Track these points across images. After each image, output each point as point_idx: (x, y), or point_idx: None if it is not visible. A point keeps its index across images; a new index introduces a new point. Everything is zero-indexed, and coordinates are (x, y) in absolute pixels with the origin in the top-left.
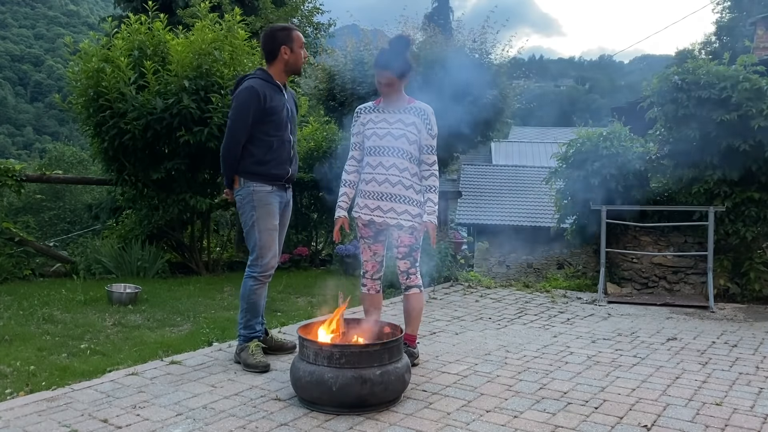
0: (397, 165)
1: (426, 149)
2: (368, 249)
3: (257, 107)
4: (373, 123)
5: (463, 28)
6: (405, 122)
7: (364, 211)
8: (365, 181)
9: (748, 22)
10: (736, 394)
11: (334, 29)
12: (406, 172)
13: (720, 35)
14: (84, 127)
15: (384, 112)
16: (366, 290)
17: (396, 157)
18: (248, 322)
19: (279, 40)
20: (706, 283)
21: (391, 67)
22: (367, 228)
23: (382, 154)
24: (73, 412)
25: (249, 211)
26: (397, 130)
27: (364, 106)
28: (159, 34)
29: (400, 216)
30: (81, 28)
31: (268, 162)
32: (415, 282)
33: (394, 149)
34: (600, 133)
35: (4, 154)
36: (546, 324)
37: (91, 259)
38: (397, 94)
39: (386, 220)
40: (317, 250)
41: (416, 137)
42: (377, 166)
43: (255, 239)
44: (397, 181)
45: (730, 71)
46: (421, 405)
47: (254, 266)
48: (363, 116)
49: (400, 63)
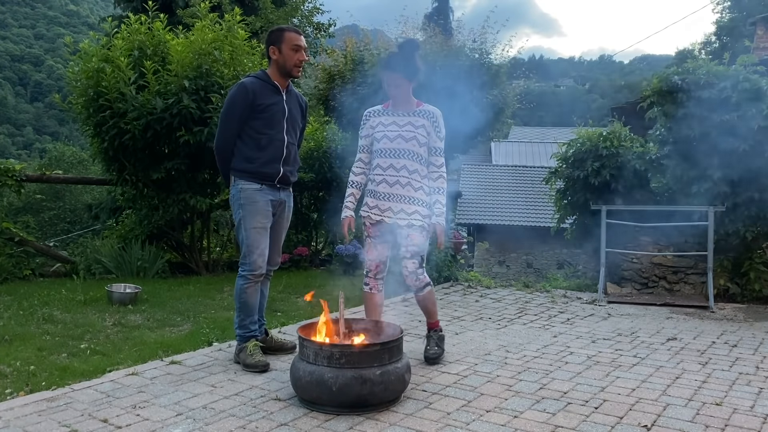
0: (408, 167)
1: (434, 151)
2: (374, 249)
3: (245, 103)
4: (383, 126)
5: (463, 28)
6: (414, 125)
7: (374, 211)
8: (375, 182)
9: (748, 22)
10: (736, 394)
11: (334, 29)
12: (416, 174)
13: (720, 35)
14: (84, 127)
15: (393, 115)
16: (368, 289)
17: (406, 159)
18: (242, 321)
19: (270, 41)
20: (706, 283)
21: (400, 70)
22: (375, 228)
23: (392, 156)
24: (73, 412)
25: (237, 210)
26: (408, 132)
27: (373, 109)
28: (159, 34)
29: (410, 216)
30: (81, 28)
31: (256, 159)
32: (424, 281)
33: (404, 151)
34: (600, 133)
35: (4, 154)
36: (546, 324)
37: (91, 259)
38: (406, 97)
39: (397, 221)
40: (317, 250)
41: (426, 139)
42: (388, 168)
43: (242, 237)
44: (407, 182)
45: (730, 71)
46: (421, 405)
47: (243, 265)
48: (372, 119)
49: (409, 66)
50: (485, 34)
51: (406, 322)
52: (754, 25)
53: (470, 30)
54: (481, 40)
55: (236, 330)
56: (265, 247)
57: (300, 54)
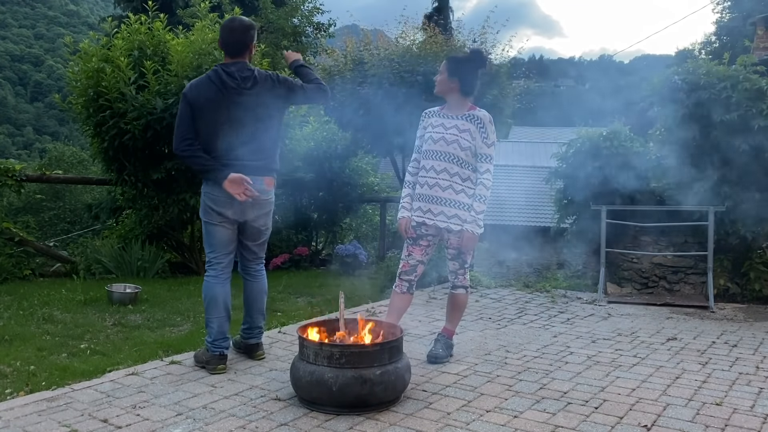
0: (448, 170)
1: (479, 157)
2: (406, 248)
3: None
4: (432, 127)
5: (463, 28)
6: (460, 128)
7: (417, 213)
8: (419, 184)
9: (748, 22)
10: (736, 394)
11: (334, 29)
12: (457, 177)
13: (720, 35)
14: (84, 127)
15: (444, 117)
16: (395, 288)
17: (447, 162)
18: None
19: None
20: (706, 283)
21: (450, 67)
22: (414, 229)
23: (434, 158)
24: (73, 412)
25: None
26: (451, 135)
27: (430, 110)
28: (159, 34)
29: (449, 220)
30: (81, 28)
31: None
32: (462, 282)
33: (444, 154)
34: (600, 133)
35: (4, 154)
36: (546, 324)
37: (91, 259)
38: (457, 100)
39: (436, 224)
40: (317, 250)
41: (469, 144)
42: (429, 170)
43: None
44: (447, 185)
45: (730, 71)
46: (421, 405)
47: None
48: (425, 120)
49: (459, 67)
50: (485, 34)
51: (406, 322)
52: (754, 25)
53: (470, 30)
54: (481, 40)
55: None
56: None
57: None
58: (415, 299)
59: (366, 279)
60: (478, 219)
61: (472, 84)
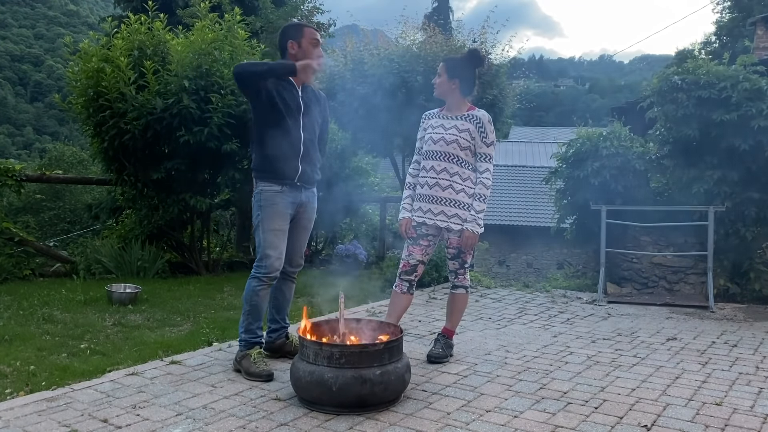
0: (448, 169)
1: (479, 157)
2: (406, 248)
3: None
4: (432, 128)
5: (463, 28)
6: (459, 128)
7: (417, 213)
8: (420, 184)
9: (748, 22)
10: (736, 394)
11: (334, 29)
12: (457, 177)
13: (720, 35)
14: (84, 127)
15: (443, 118)
16: (395, 288)
17: (447, 162)
18: (249, 325)
19: (288, 36)
20: (706, 283)
21: (449, 68)
22: (414, 229)
23: (434, 158)
24: (73, 412)
25: (256, 211)
26: (451, 135)
27: (429, 112)
28: (159, 34)
29: (450, 219)
30: (81, 28)
31: (273, 157)
32: (462, 282)
33: (444, 154)
34: (600, 133)
35: (4, 154)
36: (546, 324)
37: (91, 259)
38: (456, 100)
39: (436, 223)
40: (317, 250)
41: (468, 143)
42: (429, 170)
43: (260, 239)
44: (447, 185)
45: (730, 71)
46: (421, 405)
47: (258, 267)
48: (425, 122)
49: (459, 68)
50: (485, 34)
51: (406, 322)
52: (754, 25)
53: (470, 30)
54: (481, 40)
55: (241, 334)
56: (283, 249)
57: (318, 49)
58: (415, 299)
59: (366, 279)
60: (478, 218)
61: (471, 84)
